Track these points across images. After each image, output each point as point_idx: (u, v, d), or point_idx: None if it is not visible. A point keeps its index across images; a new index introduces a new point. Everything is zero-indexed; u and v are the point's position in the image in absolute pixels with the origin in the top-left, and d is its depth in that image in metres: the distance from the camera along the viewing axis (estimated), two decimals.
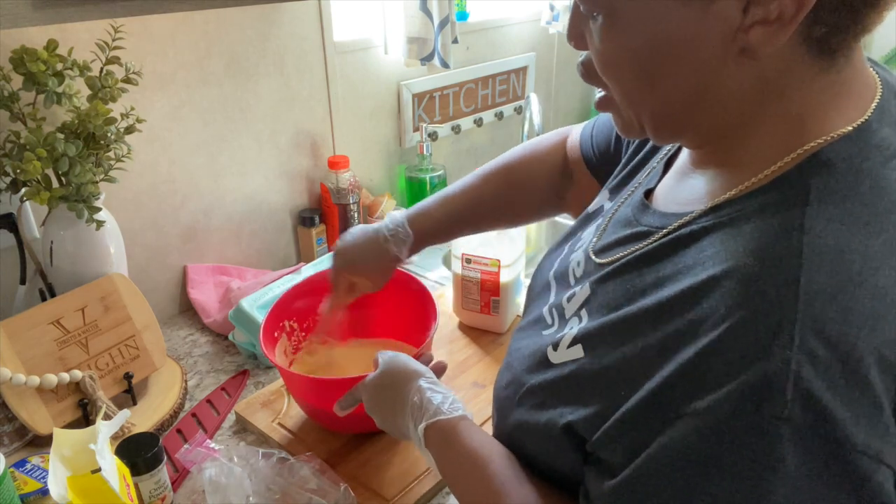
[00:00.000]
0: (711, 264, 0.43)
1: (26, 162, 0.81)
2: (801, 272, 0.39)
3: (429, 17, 1.33)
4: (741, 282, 0.40)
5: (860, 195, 0.42)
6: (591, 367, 0.50)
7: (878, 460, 0.38)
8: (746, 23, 0.41)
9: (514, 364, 0.61)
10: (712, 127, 0.48)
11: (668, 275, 0.46)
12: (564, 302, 0.58)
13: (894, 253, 0.41)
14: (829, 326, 0.38)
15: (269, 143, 1.26)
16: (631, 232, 0.54)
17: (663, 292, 0.46)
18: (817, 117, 0.45)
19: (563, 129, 0.88)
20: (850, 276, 0.39)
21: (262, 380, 1.03)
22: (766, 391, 0.38)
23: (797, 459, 0.38)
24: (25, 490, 0.76)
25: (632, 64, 0.46)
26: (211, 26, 1.11)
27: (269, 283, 1.09)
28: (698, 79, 0.45)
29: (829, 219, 0.41)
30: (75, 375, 0.87)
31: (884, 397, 0.38)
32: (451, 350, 1.07)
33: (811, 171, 0.43)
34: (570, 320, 0.56)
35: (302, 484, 0.76)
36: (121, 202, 1.06)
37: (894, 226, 0.42)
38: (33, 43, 0.87)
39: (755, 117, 0.46)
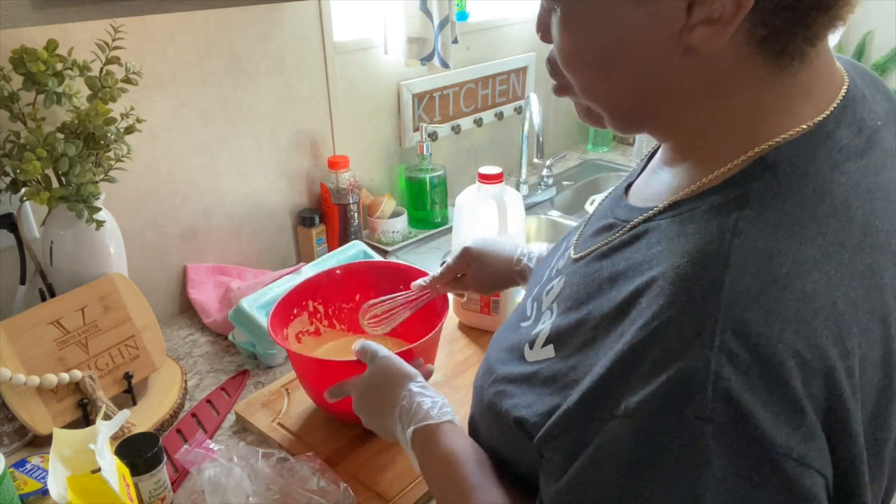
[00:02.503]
0: (655, 263, 0.44)
1: (26, 162, 0.81)
2: (726, 274, 0.39)
3: (429, 17, 1.33)
4: (672, 282, 0.41)
5: (801, 198, 0.42)
6: (554, 367, 0.50)
7: (804, 464, 0.38)
8: (691, 22, 0.42)
9: (490, 355, 0.62)
10: (669, 121, 0.49)
11: (621, 270, 0.47)
12: (543, 295, 0.59)
13: (829, 257, 0.41)
14: (749, 327, 0.38)
15: (269, 143, 1.26)
16: (602, 224, 0.55)
17: (614, 292, 0.46)
18: (771, 119, 0.45)
19: None
20: (776, 278, 0.39)
21: (262, 380, 1.03)
22: (688, 390, 0.38)
23: (723, 461, 0.38)
24: (25, 490, 0.76)
25: (587, 57, 0.48)
26: (211, 26, 1.11)
27: (269, 283, 1.09)
28: (648, 75, 0.46)
29: (765, 222, 0.41)
30: (75, 375, 0.87)
31: (806, 401, 0.38)
32: (451, 350, 1.07)
33: (755, 173, 0.43)
34: (545, 313, 0.56)
35: (302, 484, 0.76)
36: (121, 202, 1.06)
37: (833, 230, 0.41)
38: (33, 43, 0.87)
39: (712, 116, 0.46)
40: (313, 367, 0.87)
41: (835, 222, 0.42)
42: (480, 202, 1.05)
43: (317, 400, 0.90)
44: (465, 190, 1.10)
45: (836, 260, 0.41)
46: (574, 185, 1.81)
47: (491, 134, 1.78)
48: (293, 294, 0.97)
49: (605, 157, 2.01)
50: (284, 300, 0.95)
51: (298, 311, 0.98)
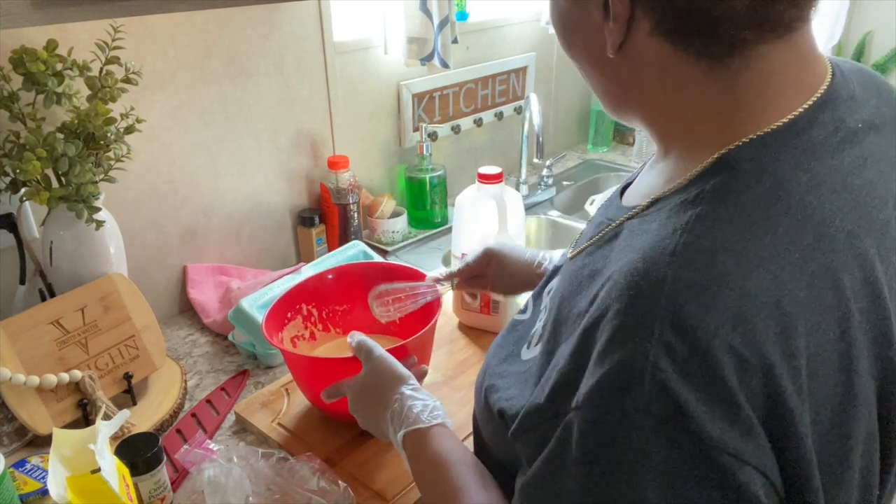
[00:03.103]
0: (618, 259, 0.45)
1: (26, 162, 0.81)
2: (669, 269, 0.40)
3: (429, 17, 1.33)
4: (623, 276, 0.42)
5: (756, 196, 0.42)
6: (539, 362, 0.52)
7: (740, 459, 0.38)
8: (608, 22, 0.46)
9: (489, 352, 0.63)
10: (638, 113, 0.52)
11: (598, 268, 0.48)
12: (545, 294, 0.61)
13: (777, 256, 0.41)
14: (687, 321, 0.38)
15: (269, 143, 1.26)
16: (595, 224, 0.56)
17: (589, 289, 0.47)
18: (735, 119, 0.45)
19: None
20: (718, 275, 0.39)
21: (262, 380, 1.03)
22: (627, 381, 0.39)
23: (662, 454, 0.38)
24: (25, 490, 0.76)
25: (566, 50, 0.53)
26: (211, 26, 1.11)
27: (269, 283, 1.09)
28: (601, 69, 0.51)
29: (716, 219, 0.42)
30: (75, 375, 0.87)
31: (741, 396, 0.38)
32: (451, 350, 1.07)
33: (715, 172, 0.44)
34: (542, 311, 0.58)
35: (302, 484, 0.76)
36: (121, 202, 1.06)
37: (785, 229, 0.42)
38: (33, 43, 0.87)
39: (671, 113, 0.49)
40: (309, 367, 0.87)
41: (787, 220, 0.42)
42: (480, 202, 1.05)
43: (314, 401, 0.90)
44: (465, 190, 1.10)
45: (785, 259, 0.41)
46: (574, 185, 1.81)
47: (491, 134, 1.78)
48: (286, 298, 0.97)
49: (605, 157, 2.01)
50: (278, 304, 0.95)
51: (293, 314, 0.98)
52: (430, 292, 0.94)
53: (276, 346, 0.85)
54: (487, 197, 1.04)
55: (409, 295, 0.93)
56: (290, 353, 0.87)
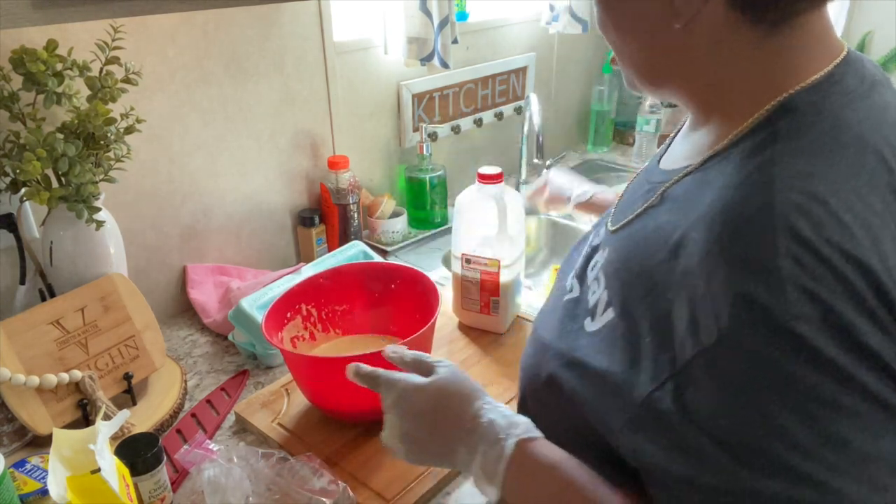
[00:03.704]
0: (700, 206, 0.49)
1: (26, 162, 0.81)
2: (773, 194, 0.45)
3: (429, 17, 1.33)
4: (723, 213, 0.46)
5: (822, 131, 0.49)
6: (619, 325, 0.53)
7: (883, 359, 0.42)
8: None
9: (540, 335, 0.64)
10: (683, 82, 0.56)
11: (663, 223, 0.52)
12: (588, 270, 0.63)
13: (853, 177, 0.46)
14: (804, 234, 0.43)
15: (269, 143, 1.26)
16: (641, 192, 0.60)
17: (662, 241, 0.51)
18: (779, 77, 0.52)
19: None
20: (815, 194, 0.44)
21: (262, 380, 1.03)
22: (769, 298, 0.42)
23: (828, 351, 0.41)
24: (25, 490, 0.76)
25: (613, 26, 0.57)
26: (211, 26, 1.11)
27: (269, 284, 1.09)
28: (654, 39, 0.55)
29: (795, 151, 0.48)
30: (75, 376, 0.87)
31: (869, 297, 0.42)
32: (451, 350, 1.07)
33: (779, 116, 0.50)
34: (591, 284, 0.60)
35: (302, 484, 0.76)
36: (121, 202, 1.06)
37: (852, 154, 0.48)
38: (33, 43, 0.87)
39: (721, 77, 0.54)
40: (309, 367, 0.87)
41: (852, 149, 0.48)
42: (480, 202, 1.05)
43: (314, 401, 0.90)
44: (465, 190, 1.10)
45: (859, 180, 0.46)
46: None
47: (491, 134, 1.78)
48: (286, 298, 0.96)
49: (605, 157, 2.01)
50: (277, 304, 0.94)
51: (292, 314, 0.98)
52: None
53: (275, 345, 0.85)
54: (487, 197, 1.04)
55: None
56: (290, 353, 0.87)
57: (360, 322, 1.04)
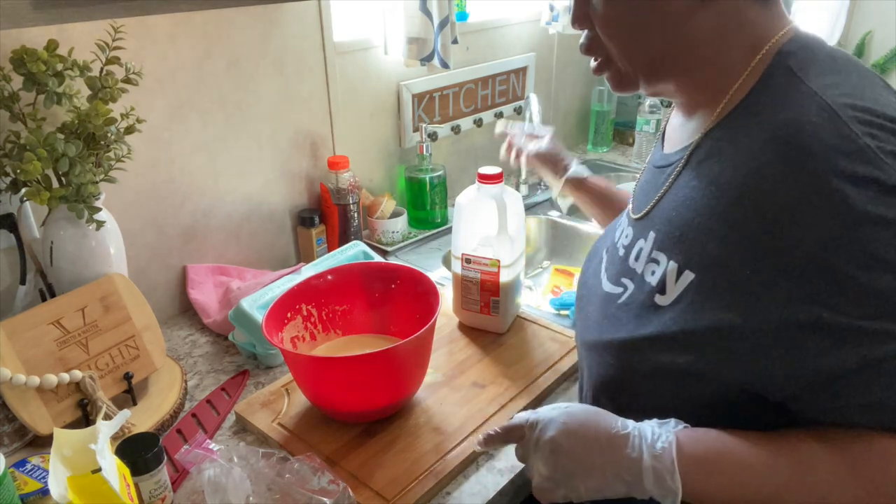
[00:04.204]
0: (747, 144, 0.54)
1: (26, 162, 0.81)
2: (825, 98, 0.52)
3: (429, 17, 1.34)
4: (787, 129, 0.52)
5: (823, 61, 0.57)
6: (707, 279, 0.56)
7: None
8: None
9: (611, 339, 0.65)
10: (699, 67, 0.60)
11: (709, 174, 0.57)
12: (632, 261, 0.66)
13: (868, 84, 0.56)
14: (866, 117, 0.51)
15: (269, 143, 1.26)
16: (656, 178, 0.67)
17: (727, 182, 0.55)
18: (759, 33, 0.58)
19: None
20: (854, 93, 0.53)
21: (262, 380, 1.03)
22: (872, 171, 0.49)
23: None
24: (26, 490, 0.76)
25: (626, 19, 0.60)
26: (211, 26, 1.11)
27: (269, 284, 1.09)
28: (674, 26, 0.58)
29: (816, 73, 0.55)
30: (75, 375, 0.87)
31: None
32: (451, 350, 1.07)
33: (783, 61, 0.57)
34: (647, 268, 0.63)
35: (302, 484, 0.76)
36: (121, 202, 1.06)
37: (853, 74, 0.56)
38: (33, 43, 0.87)
39: (727, 51, 0.59)
40: (309, 367, 0.87)
41: (855, 69, 0.57)
42: (480, 202, 1.05)
43: (314, 400, 0.90)
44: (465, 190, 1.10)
45: (876, 83, 0.57)
46: None
47: (491, 134, 1.78)
48: (286, 298, 0.96)
49: (605, 157, 2.01)
50: (277, 304, 0.94)
51: (292, 314, 0.97)
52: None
53: (276, 345, 0.85)
54: (487, 197, 1.04)
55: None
56: (291, 353, 0.87)
57: (360, 322, 1.04)
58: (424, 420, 0.90)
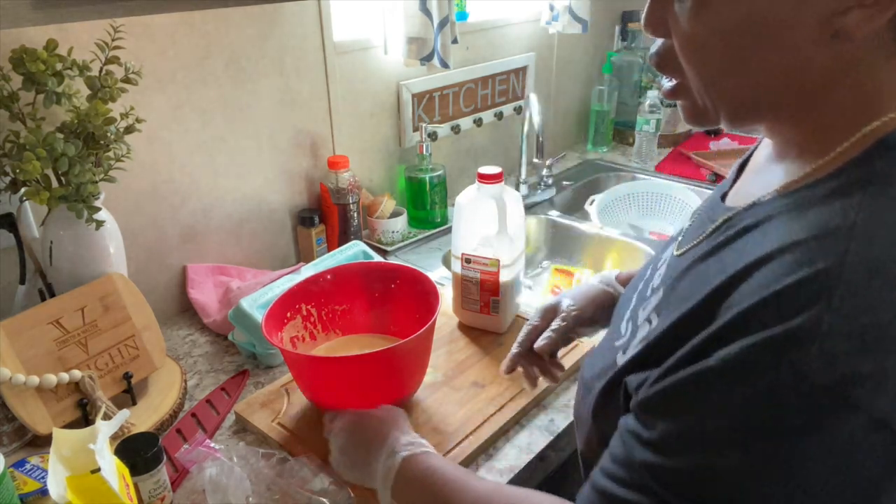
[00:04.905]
0: (769, 245, 0.43)
1: (26, 162, 0.81)
2: (850, 243, 0.40)
3: (428, 17, 1.33)
4: (793, 254, 0.41)
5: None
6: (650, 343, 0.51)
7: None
8: (843, 5, 0.41)
9: (585, 375, 0.63)
10: (792, 110, 0.48)
11: (731, 261, 0.46)
12: (640, 311, 0.59)
13: None
14: (869, 295, 0.38)
15: (268, 143, 1.26)
16: (703, 231, 0.55)
17: (721, 277, 0.45)
18: (883, 100, 0.45)
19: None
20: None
21: (262, 380, 1.03)
22: (790, 345, 0.38)
23: (827, 427, 0.38)
24: (25, 490, 0.76)
25: (721, 46, 0.46)
26: (211, 26, 1.11)
27: (269, 283, 1.09)
28: (787, 61, 0.45)
29: (891, 197, 0.42)
30: (75, 375, 0.87)
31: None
32: (451, 350, 1.07)
33: (877, 154, 0.44)
34: (642, 325, 0.56)
35: (302, 484, 0.76)
36: (121, 202, 1.06)
37: None
38: (33, 43, 0.87)
39: (829, 99, 0.46)
40: (308, 366, 0.87)
41: None
42: (480, 202, 1.05)
43: (314, 400, 0.90)
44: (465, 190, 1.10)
45: None
46: (574, 185, 1.81)
47: (491, 134, 1.78)
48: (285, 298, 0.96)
49: (605, 157, 2.01)
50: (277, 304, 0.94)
51: (292, 314, 0.97)
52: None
53: (275, 345, 0.85)
54: (487, 197, 1.04)
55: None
56: (290, 353, 0.87)
57: (360, 322, 1.04)
58: (424, 420, 0.90)
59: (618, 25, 2.08)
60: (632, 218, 1.72)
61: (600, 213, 1.59)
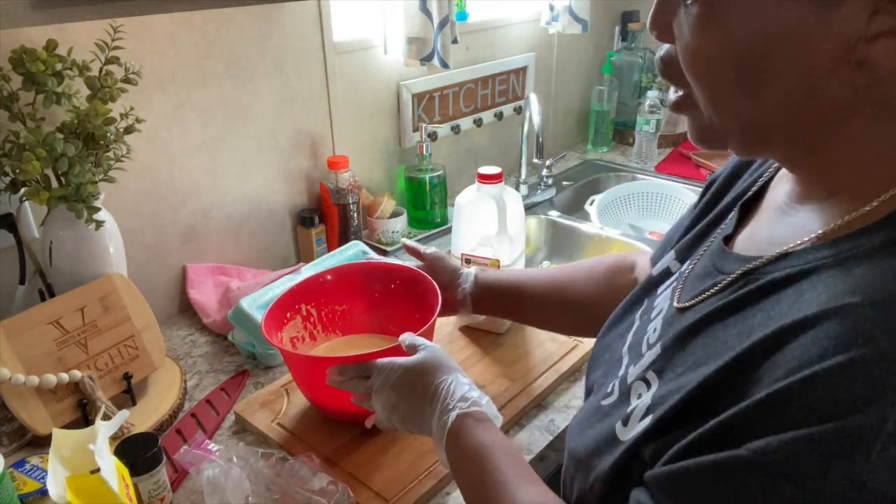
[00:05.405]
0: (809, 306, 0.38)
1: (26, 162, 0.81)
2: None
3: (428, 17, 1.33)
4: (844, 322, 0.35)
5: None
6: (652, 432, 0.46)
7: None
8: (871, 32, 0.37)
9: (575, 447, 0.56)
10: (812, 145, 0.44)
11: (758, 323, 0.41)
12: (630, 369, 0.53)
13: None
14: None
15: (269, 143, 1.26)
16: (712, 282, 0.49)
17: (750, 340, 0.40)
18: None
19: (631, 256, 0.90)
20: None
21: (262, 380, 1.03)
22: (846, 448, 0.33)
23: None
24: (25, 490, 0.76)
25: (728, 63, 0.41)
26: (211, 26, 1.11)
27: (269, 283, 1.09)
28: (802, 86, 0.40)
29: None
30: (74, 376, 0.87)
31: None
32: (451, 350, 1.07)
33: None
34: (635, 386, 0.51)
35: (301, 484, 0.76)
36: (120, 202, 1.06)
37: None
38: (33, 43, 0.87)
39: (863, 140, 0.41)
40: (308, 367, 0.87)
41: None
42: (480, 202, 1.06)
43: (314, 400, 0.90)
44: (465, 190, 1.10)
45: None
46: (574, 185, 1.81)
47: (491, 134, 1.78)
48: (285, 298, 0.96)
49: (605, 158, 2.01)
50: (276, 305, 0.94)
51: (292, 314, 0.97)
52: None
53: (275, 345, 0.85)
54: (487, 197, 1.04)
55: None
56: (290, 353, 0.87)
57: (360, 322, 1.04)
58: None
59: (618, 25, 2.08)
60: (632, 218, 1.72)
61: (600, 214, 1.59)
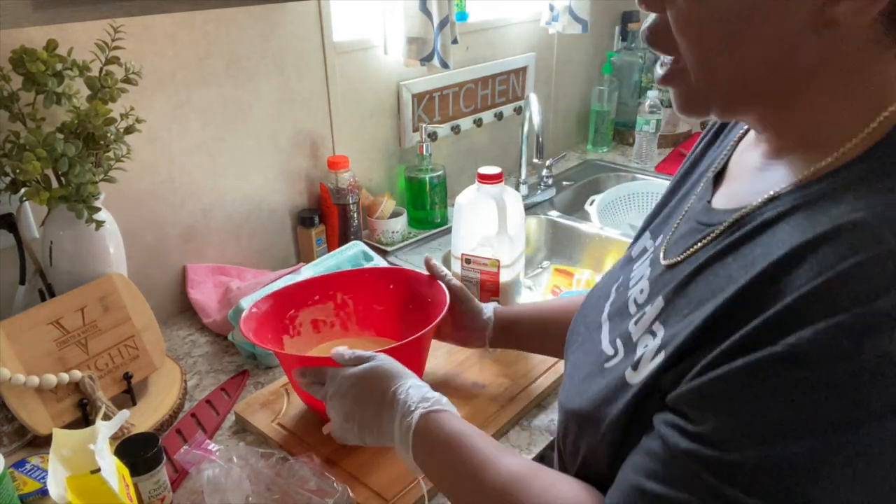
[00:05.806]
0: (819, 227, 0.41)
1: (26, 162, 0.81)
2: None
3: (428, 17, 1.33)
4: (855, 232, 0.39)
5: None
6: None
7: None
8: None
9: (579, 407, 0.57)
10: (787, 101, 0.48)
11: (760, 254, 0.45)
12: (631, 327, 0.56)
13: None
14: None
15: (269, 143, 1.26)
16: (701, 235, 0.53)
17: (755, 268, 0.43)
18: (887, 89, 0.45)
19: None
20: None
21: (262, 380, 1.03)
22: (872, 328, 0.37)
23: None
24: (25, 490, 0.76)
25: (715, 25, 0.46)
26: (211, 26, 1.11)
27: (269, 284, 1.09)
28: (779, 48, 0.45)
29: None
30: (75, 376, 0.87)
31: None
32: (451, 350, 1.07)
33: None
34: (641, 339, 0.53)
35: (301, 484, 0.76)
36: (121, 202, 1.06)
37: None
38: (33, 43, 0.87)
39: (833, 94, 0.46)
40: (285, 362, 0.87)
41: None
42: (480, 202, 1.06)
43: (308, 402, 0.90)
44: (465, 190, 1.10)
45: None
46: (574, 185, 1.81)
47: (491, 134, 1.79)
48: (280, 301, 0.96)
49: (605, 157, 2.01)
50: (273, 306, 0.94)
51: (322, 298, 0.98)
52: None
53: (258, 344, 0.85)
54: (487, 197, 1.04)
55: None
56: (282, 353, 0.87)
57: (361, 322, 1.04)
58: None
59: (618, 25, 2.08)
60: (632, 218, 1.72)
61: (600, 214, 1.59)
